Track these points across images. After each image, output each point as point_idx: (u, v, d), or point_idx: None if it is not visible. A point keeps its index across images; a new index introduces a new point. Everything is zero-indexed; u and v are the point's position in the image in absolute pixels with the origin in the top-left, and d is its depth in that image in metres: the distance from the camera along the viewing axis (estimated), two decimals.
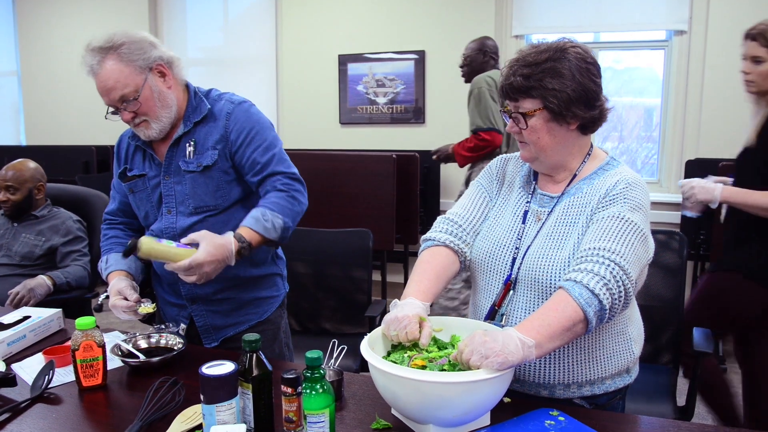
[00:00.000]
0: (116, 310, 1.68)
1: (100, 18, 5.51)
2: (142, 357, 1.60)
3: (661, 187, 4.23)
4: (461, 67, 3.71)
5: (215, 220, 1.75)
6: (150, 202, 1.80)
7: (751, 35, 2.29)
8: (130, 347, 1.63)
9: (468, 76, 3.66)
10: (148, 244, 1.58)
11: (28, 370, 1.58)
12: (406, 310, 1.33)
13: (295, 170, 1.78)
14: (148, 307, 1.65)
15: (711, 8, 3.88)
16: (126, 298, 1.67)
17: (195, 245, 1.57)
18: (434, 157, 3.81)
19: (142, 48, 1.67)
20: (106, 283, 1.78)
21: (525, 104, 1.35)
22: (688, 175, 3.74)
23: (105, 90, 1.65)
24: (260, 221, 1.66)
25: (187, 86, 1.80)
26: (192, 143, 1.74)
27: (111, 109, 1.71)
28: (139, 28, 5.44)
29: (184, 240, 1.60)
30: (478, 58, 3.64)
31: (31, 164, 2.80)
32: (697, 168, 3.73)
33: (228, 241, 1.59)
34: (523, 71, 1.33)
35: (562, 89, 1.31)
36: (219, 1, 5.28)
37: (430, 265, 1.48)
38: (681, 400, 2.03)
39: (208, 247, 1.56)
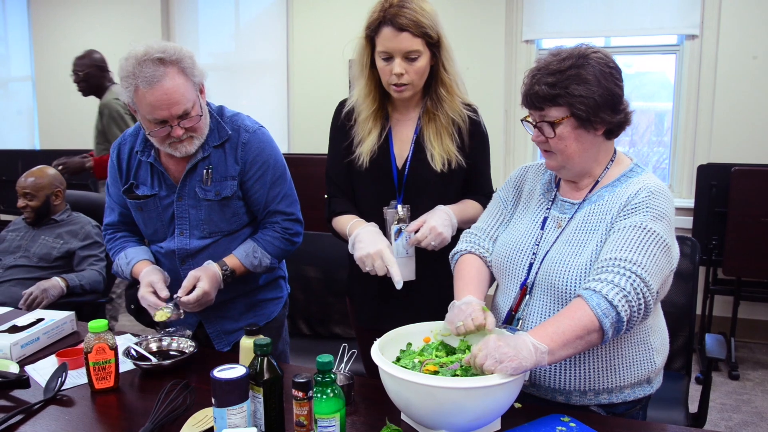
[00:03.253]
0: (144, 300, 1.68)
1: (113, 24, 5.55)
2: (154, 360, 1.61)
3: (673, 192, 4.20)
4: (77, 82, 3.77)
5: (225, 240, 1.80)
6: (161, 221, 1.79)
7: (398, 24, 1.58)
8: (142, 350, 1.64)
9: (86, 91, 3.77)
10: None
11: (41, 372, 1.59)
12: (468, 303, 1.37)
13: (296, 210, 1.84)
14: (165, 312, 1.65)
15: (722, 12, 3.85)
16: (156, 292, 1.67)
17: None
18: (59, 167, 3.51)
19: (195, 65, 1.63)
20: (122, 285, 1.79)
21: (551, 113, 1.33)
22: (700, 181, 3.72)
23: (168, 102, 1.55)
24: (250, 257, 1.76)
25: None
26: (209, 169, 1.73)
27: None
28: (152, 34, 5.51)
29: (186, 282, 1.66)
30: (97, 74, 3.73)
31: (50, 171, 2.88)
32: (709, 173, 3.70)
33: (216, 270, 1.71)
34: (547, 80, 1.32)
35: (588, 95, 1.30)
36: (230, 7, 5.32)
37: (468, 270, 1.52)
38: (693, 407, 2.01)
39: (209, 279, 1.67)
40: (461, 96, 1.74)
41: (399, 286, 1.55)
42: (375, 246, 1.58)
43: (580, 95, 1.30)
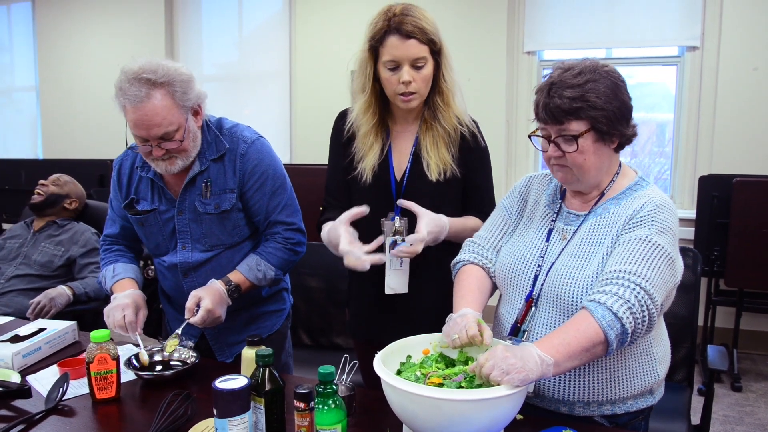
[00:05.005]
0: (116, 314, 1.65)
1: (118, 34, 5.60)
2: (156, 370, 1.61)
3: (675, 202, 4.20)
4: None
5: (228, 252, 1.80)
6: (162, 235, 1.80)
7: (405, 32, 1.58)
8: (145, 357, 1.64)
9: None
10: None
11: (42, 381, 1.59)
12: (464, 315, 1.36)
13: (297, 220, 1.83)
14: (175, 341, 1.69)
15: (723, 24, 3.87)
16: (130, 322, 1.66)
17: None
18: None
19: (191, 87, 1.63)
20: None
21: (572, 126, 1.33)
22: (701, 192, 3.72)
23: (147, 124, 1.57)
24: (253, 270, 1.75)
25: None
26: (208, 182, 1.74)
27: (131, 144, 1.66)
28: (156, 44, 5.55)
29: (189, 303, 1.65)
30: None
31: (81, 187, 3.02)
32: (710, 183, 3.71)
33: (218, 287, 1.70)
34: (567, 93, 1.31)
35: (608, 108, 1.31)
36: (234, 18, 5.35)
37: (468, 281, 1.51)
38: (696, 419, 2.00)
39: (211, 297, 1.66)
40: (457, 108, 1.72)
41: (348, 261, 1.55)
42: (336, 226, 1.61)
43: (601, 108, 1.31)
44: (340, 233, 1.58)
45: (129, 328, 1.64)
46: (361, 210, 1.59)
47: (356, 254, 1.54)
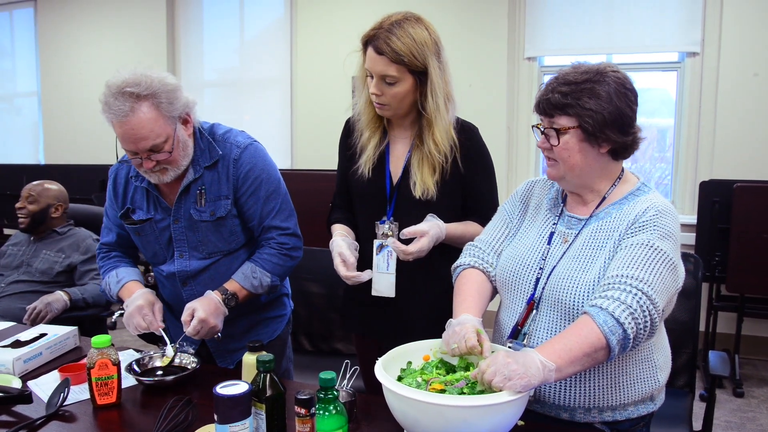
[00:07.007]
0: (132, 322, 1.67)
1: (119, 40, 5.62)
2: (159, 373, 1.62)
3: (675, 208, 4.19)
4: None
5: (226, 260, 1.79)
6: (159, 244, 1.79)
7: (377, 47, 1.60)
8: (170, 352, 1.65)
9: None
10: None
11: (43, 387, 1.59)
12: (463, 323, 1.35)
13: (292, 224, 1.82)
14: (170, 355, 1.69)
15: (723, 30, 3.88)
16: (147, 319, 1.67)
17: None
18: None
19: (177, 97, 1.61)
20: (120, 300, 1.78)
21: (560, 121, 1.36)
22: (702, 197, 3.72)
23: (134, 138, 1.55)
24: (249, 278, 1.74)
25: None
26: (202, 189, 1.73)
27: (125, 155, 1.65)
28: (157, 50, 5.56)
29: (184, 316, 1.65)
30: None
31: (56, 185, 2.91)
32: (711, 189, 3.71)
33: (213, 297, 1.69)
34: (561, 89, 1.35)
35: (598, 110, 1.32)
36: (235, 24, 5.37)
37: (467, 286, 1.51)
38: (698, 425, 1.99)
39: (205, 307, 1.65)
40: (438, 135, 1.67)
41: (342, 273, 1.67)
42: (337, 248, 1.71)
43: (590, 109, 1.32)
44: (335, 263, 1.70)
45: (152, 327, 1.66)
46: (349, 261, 1.69)
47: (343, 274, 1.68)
